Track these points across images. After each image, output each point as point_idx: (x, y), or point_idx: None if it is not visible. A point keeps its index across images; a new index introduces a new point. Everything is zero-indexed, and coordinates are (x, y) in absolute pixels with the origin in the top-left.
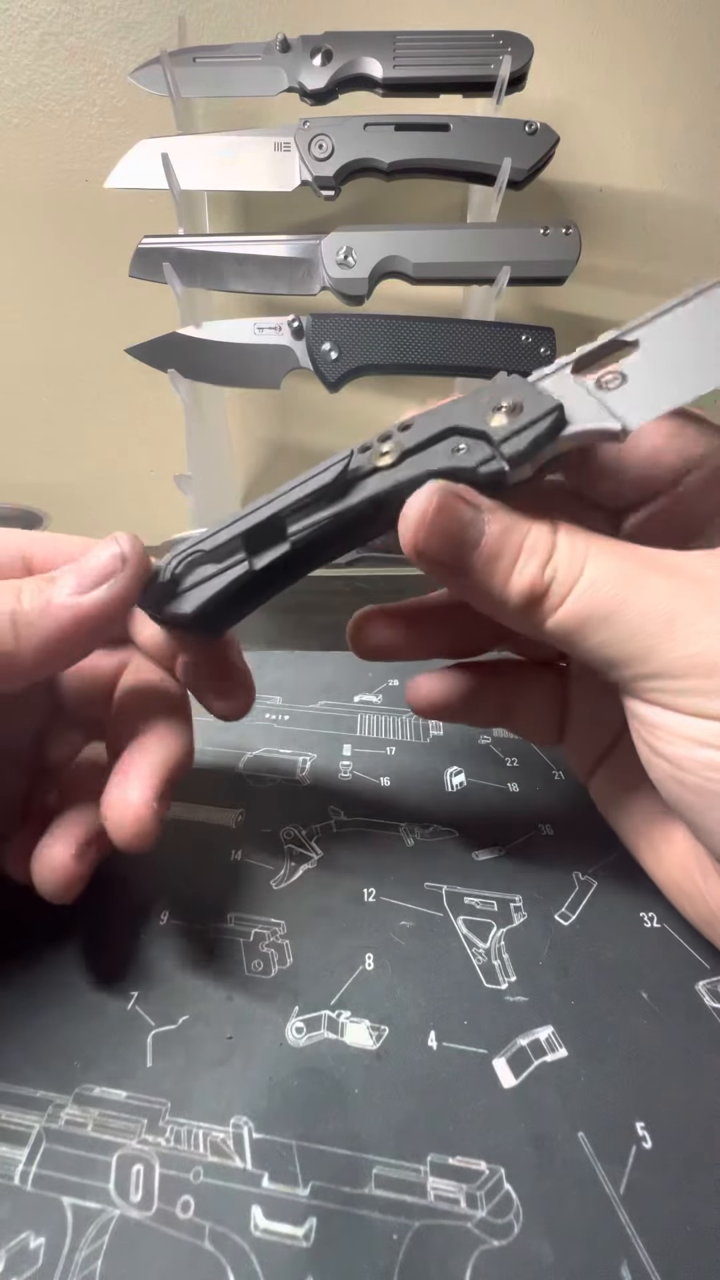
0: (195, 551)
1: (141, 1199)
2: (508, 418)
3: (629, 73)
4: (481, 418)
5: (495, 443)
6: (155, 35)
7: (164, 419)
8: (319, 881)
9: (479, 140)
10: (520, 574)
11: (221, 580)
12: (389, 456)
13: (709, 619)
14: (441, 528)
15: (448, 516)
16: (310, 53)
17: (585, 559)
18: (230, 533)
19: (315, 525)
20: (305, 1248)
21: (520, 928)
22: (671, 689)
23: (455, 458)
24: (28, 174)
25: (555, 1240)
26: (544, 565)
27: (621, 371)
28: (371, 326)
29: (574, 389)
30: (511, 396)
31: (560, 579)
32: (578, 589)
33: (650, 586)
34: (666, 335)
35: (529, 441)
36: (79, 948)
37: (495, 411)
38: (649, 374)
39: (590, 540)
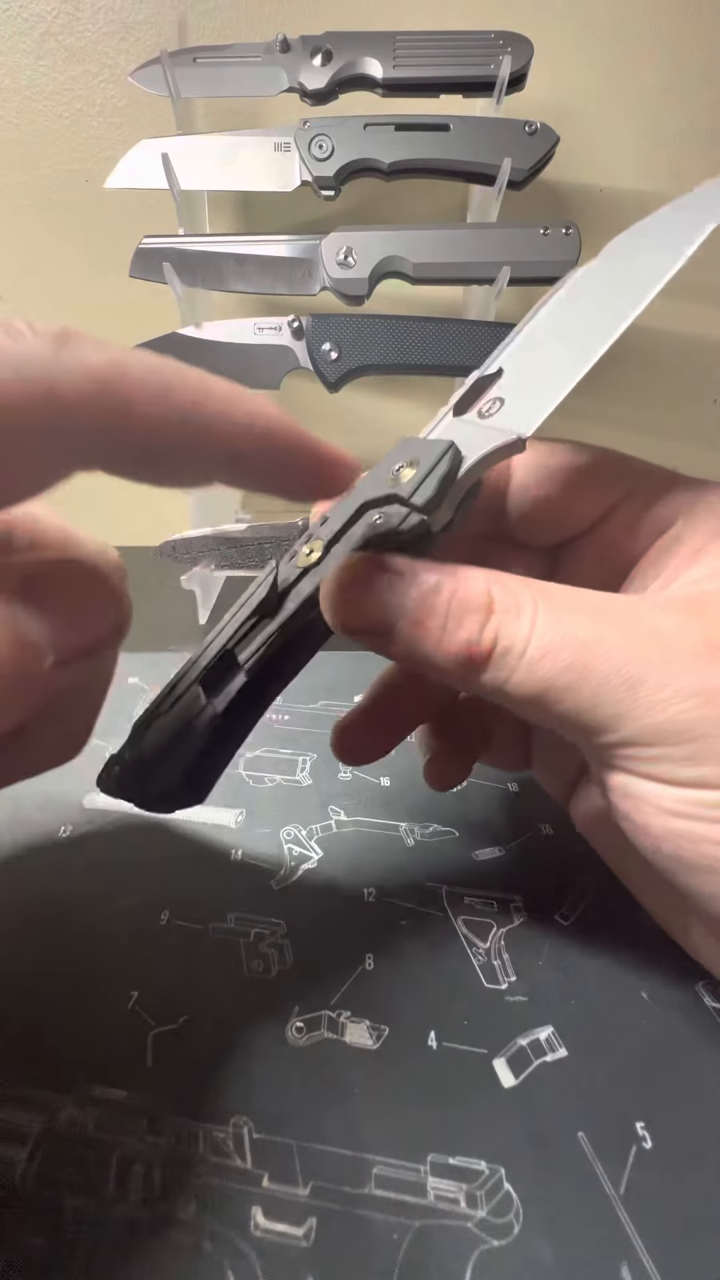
0: (150, 715)
1: (141, 1199)
2: (411, 471)
3: (629, 73)
4: (385, 484)
5: (405, 499)
6: (155, 35)
7: None
8: (319, 881)
9: (479, 140)
10: (453, 638)
11: (191, 735)
12: (314, 554)
13: (674, 683)
14: (356, 599)
15: (362, 586)
16: (310, 53)
17: (534, 618)
18: (183, 684)
19: (264, 645)
20: (305, 1248)
21: (520, 928)
22: (641, 757)
23: (374, 528)
24: (28, 174)
25: (555, 1240)
26: (481, 625)
27: (497, 397)
28: (371, 326)
29: (461, 428)
30: (407, 455)
31: (506, 642)
32: (530, 655)
33: (609, 648)
34: (523, 354)
35: (435, 484)
36: (79, 948)
37: (399, 471)
38: (521, 390)
39: (533, 590)
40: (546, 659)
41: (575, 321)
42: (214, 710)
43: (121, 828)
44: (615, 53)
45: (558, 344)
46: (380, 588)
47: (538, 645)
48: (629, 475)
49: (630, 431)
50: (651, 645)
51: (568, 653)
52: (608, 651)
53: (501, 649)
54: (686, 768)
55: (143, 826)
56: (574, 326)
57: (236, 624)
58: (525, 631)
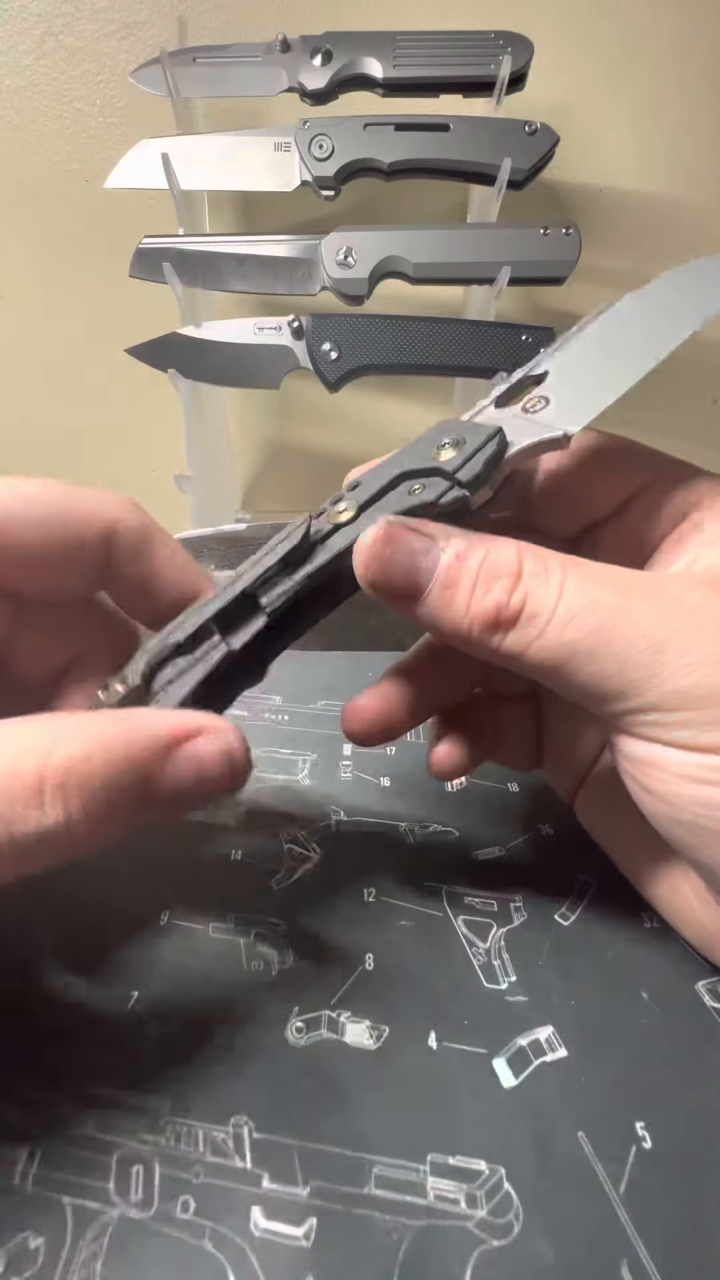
0: (165, 648)
1: (141, 1199)
2: (454, 451)
3: (629, 73)
4: (427, 459)
5: (450, 474)
6: (155, 35)
7: (164, 419)
8: (319, 881)
9: (479, 140)
10: (482, 600)
11: (200, 671)
12: (347, 512)
13: (699, 649)
14: (390, 558)
15: (395, 546)
16: (310, 53)
17: (562, 583)
18: (199, 618)
19: (288, 592)
20: (305, 1248)
21: (520, 928)
22: (664, 723)
23: (414, 497)
24: (28, 174)
25: (555, 1240)
26: (510, 590)
27: (543, 396)
28: (371, 326)
29: (506, 418)
30: (452, 434)
31: (534, 605)
32: (559, 619)
33: (636, 615)
34: (570, 361)
35: (483, 463)
36: (79, 948)
37: (440, 449)
38: (568, 392)
39: (564, 561)
40: (574, 623)
41: (625, 339)
42: (229, 648)
43: None
44: (615, 53)
45: (607, 357)
46: (414, 549)
47: (565, 609)
48: (649, 464)
49: (630, 431)
50: (677, 613)
51: (594, 617)
52: (635, 617)
53: (529, 613)
54: (709, 732)
55: (143, 826)
56: (624, 343)
57: (261, 570)
58: (553, 596)
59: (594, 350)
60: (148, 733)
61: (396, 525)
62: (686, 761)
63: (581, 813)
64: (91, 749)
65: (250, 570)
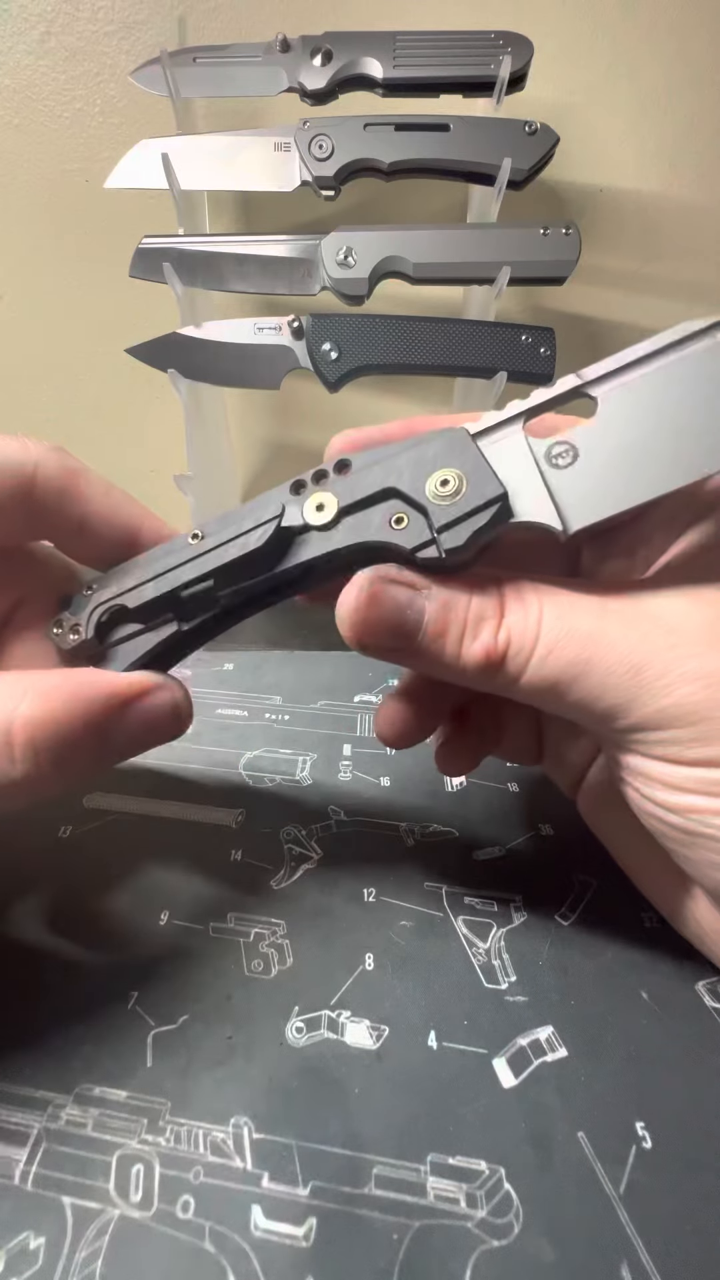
0: (116, 606)
1: (141, 1199)
2: (448, 494)
3: (629, 73)
4: (421, 483)
5: (434, 527)
6: (155, 35)
7: (164, 419)
8: (319, 881)
9: (479, 140)
10: (471, 646)
11: (150, 640)
12: (325, 514)
13: (677, 668)
14: (376, 619)
15: (380, 606)
16: (310, 53)
17: (540, 617)
18: (155, 590)
19: (247, 590)
20: (305, 1248)
21: (520, 928)
22: (650, 740)
23: (393, 533)
24: (28, 174)
25: (555, 1240)
26: (495, 631)
27: (573, 446)
28: (371, 326)
29: (521, 460)
30: (456, 467)
31: (517, 643)
32: (540, 652)
33: (613, 639)
34: (627, 402)
35: (468, 535)
36: (79, 948)
37: (437, 479)
38: (600, 456)
39: (540, 594)
40: (553, 655)
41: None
42: (180, 629)
43: (121, 828)
44: (615, 53)
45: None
46: (399, 603)
47: (545, 643)
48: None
49: None
50: (654, 633)
51: (573, 647)
52: (611, 642)
53: (514, 649)
54: (694, 748)
55: (143, 826)
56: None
57: (223, 561)
58: (533, 630)
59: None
60: (105, 692)
61: (379, 584)
62: (674, 774)
63: (582, 808)
64: (54, 708)
65: (212, 555)
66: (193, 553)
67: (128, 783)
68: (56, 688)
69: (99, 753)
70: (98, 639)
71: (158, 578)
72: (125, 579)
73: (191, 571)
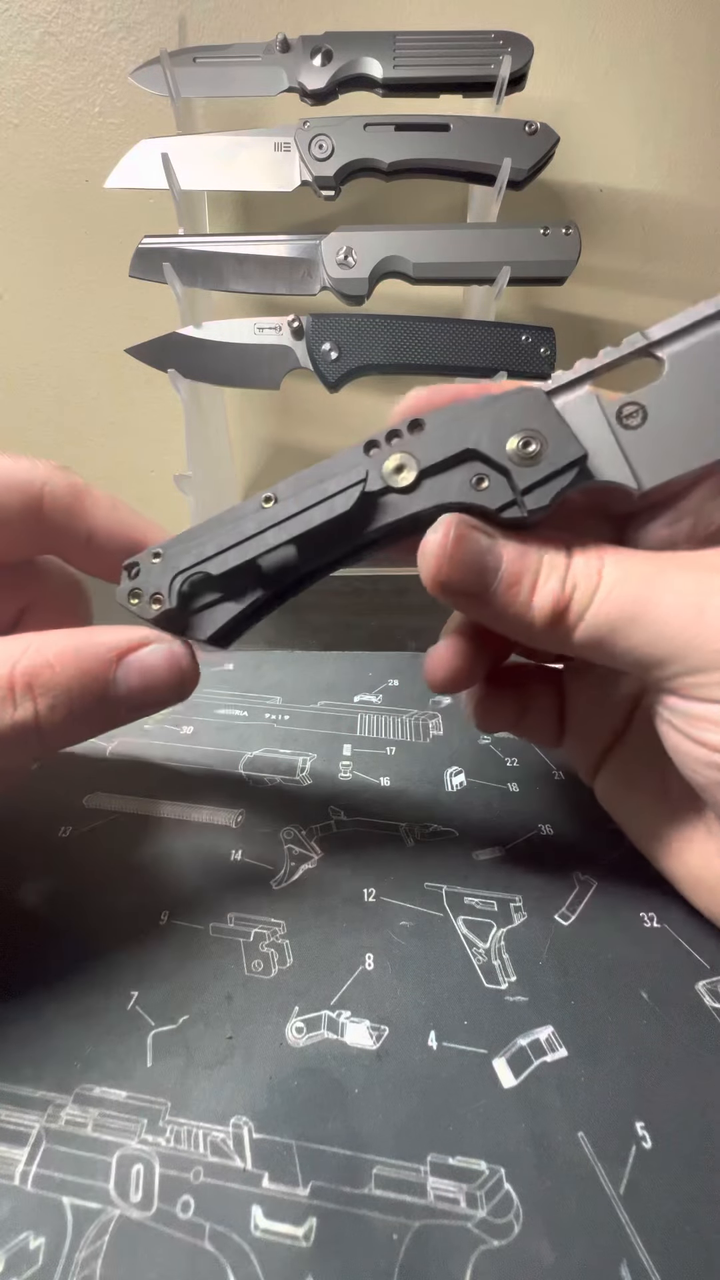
0: (199, 574)
1: (141, 1199)
2: (530, 455)
3: (629, 73)
4: (501, 444)
5: (518, 489)
6: (155, 35)
7: (164, 419)
8: (319, 881)
9: (479, 140)
10: (542, 593)
11: (234, 607)
12: (406, 476)
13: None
14: (460, 559)
15: (465, 548)
16: (310, 53)
17: (601, 565)
18: (239, 557)
19: (330, 552)
20: (305, 1248)
21: (520, 928)
22: (709, 683)
23: (476, 494)
24: (28, 174)
25: (555, 1240)
26: (563, 580)
27: (643, 406)
28: (371, 326)
29: (594, 420)
30: (534, 425)
31: (581, 589)
32: (599, 596)
33: (672, 584)
34: (695, 361)
35: (551, 497)
36: (79, 948)
37: (517, 440)
38: (669, 416)
39: (602, 547)
40: (613, 594)
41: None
42: (262, 595)
43: (121, 828)
44: (615, 53)
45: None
46: (480, 548)
47: (606, 584)
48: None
49: None
50: (713, 578)
51: (631, 587)
52: (671, 584)
53: (579, 595)
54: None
55: (143, 826)
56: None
57: (308, 524)
58: (594, 574)
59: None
60: (101, 644)
61: (464, 526)
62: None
63: (601, 791)
64: (52, 658)
65: (296, 520)
66: (272, 518)
67: (128, 783)
68: (54, 641)
69: (99, 704)
70: (181, 607)
71: (240, 544)
72: (202, 546)
73: (275, 537)
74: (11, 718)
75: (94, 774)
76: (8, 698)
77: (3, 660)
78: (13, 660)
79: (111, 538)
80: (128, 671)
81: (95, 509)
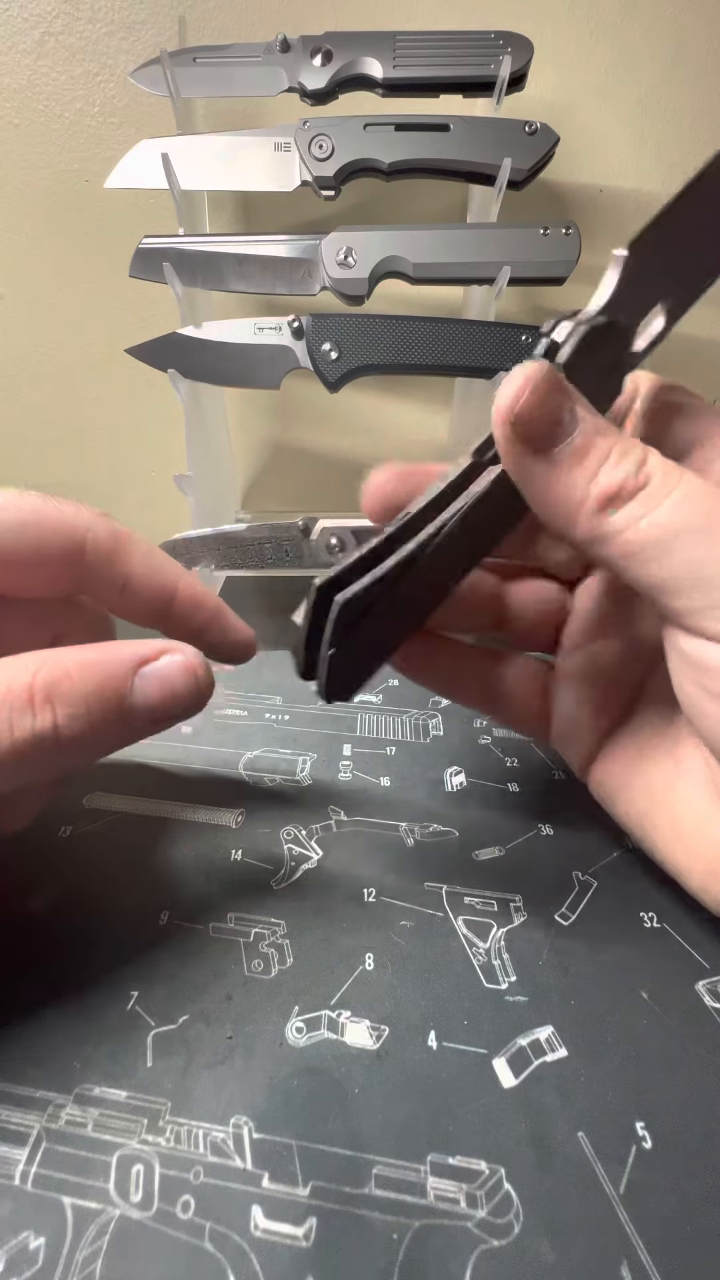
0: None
1: (141, 1199)
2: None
3: (629, 73)
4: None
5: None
6: (155, 35)
7: (164, 419)
8: (319, 881)
9: (479, 140)
10: (610, 473)
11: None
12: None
13: None
14: (544, 398)
15: (551, 390)
16: (310, 53)
17: (681, 471)
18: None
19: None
20: (305, 1248)
21: (520, 928)
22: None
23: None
24: (28, 174)
25: (555, 1240)
26: (639, 467)
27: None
28: (371, 326)
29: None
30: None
31: (655, 486)
32: (676, 496)
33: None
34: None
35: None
36: (79, 948)
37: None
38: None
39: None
40: (689, 501)
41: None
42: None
43: (121, 828)
44: (615, 53)
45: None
46: (563, 403)
47: (685, 490)
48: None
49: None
50: None
51: (713, 501)
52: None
53: (651, 489)
54: None
55: (142, 826)
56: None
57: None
58: (676, 477)
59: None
60: (119, 655)
61: (558, 373)
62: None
63: (596, 786)
64: (70, 669)
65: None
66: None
67: (128, 783)
68: (74, 653)
69: (119, 716)
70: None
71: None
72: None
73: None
74: (31, 728)
75: (94, 774)
76: (27, 706)
77: (24, 670)
78: (33, 670)
79: (146, 585)
80: (146, 681)
81: (133, 556)
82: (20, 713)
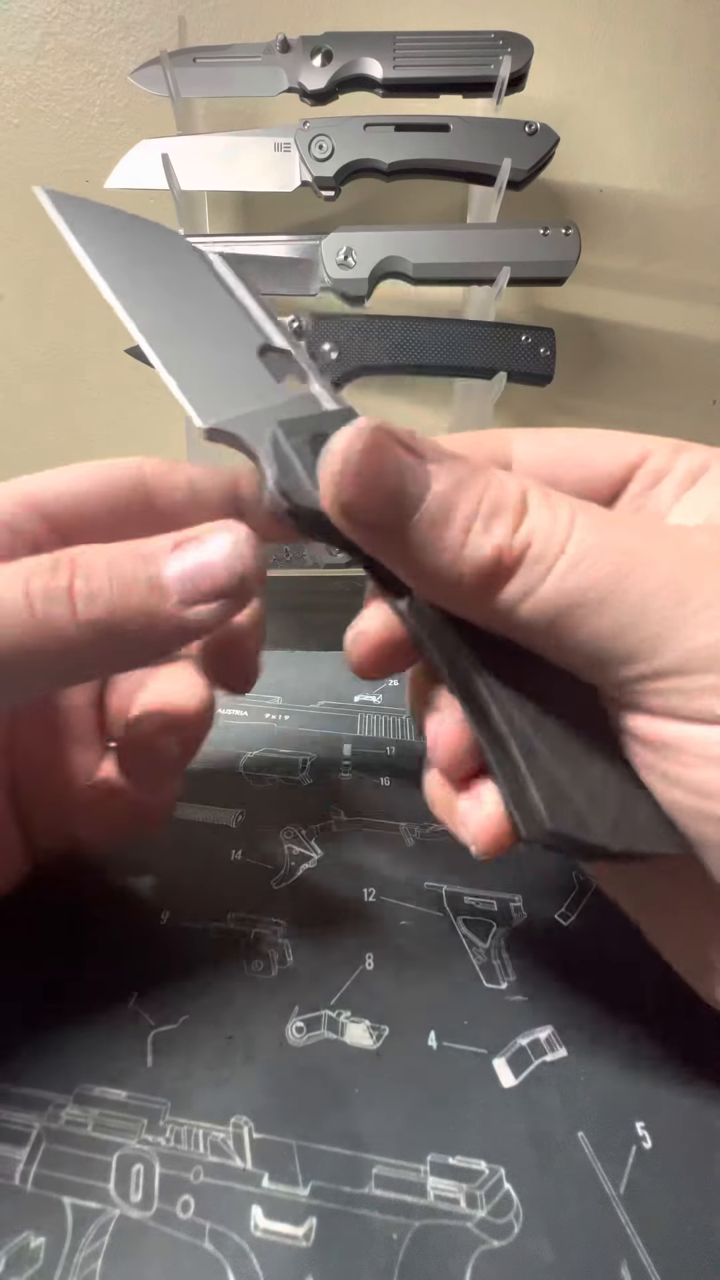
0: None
1: (141, 1199)
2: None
3: (629, 73)
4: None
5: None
6: (155, 35)
7: (164, 419)
8: (319, 881)
9: (479, 140)
10: (479, 540)
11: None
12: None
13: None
14: (376, 472)
15: (384, 457)
16: (310, 53)
17: (571, 523)
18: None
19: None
20: (305, 1248)
21: (520, 928)
22: (686, 690)
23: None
24: (28, 174)
25: (555, 1240)
26: (514, 529)
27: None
28: (371, 327)
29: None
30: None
31: (539, 548)
32: (566, 561)
33: (658, 559)
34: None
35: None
36: (79, 948)
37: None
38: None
39: (573, 502)
40: (584, 565)
41: None
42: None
43: None
44: (615, 53)
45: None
46: (398, 471)
47: (576, 550)
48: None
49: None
50: (703, 561)
51: (610, 560)
52: (657, 561)
53: (534, 554)
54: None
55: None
56: None
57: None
58: (562, 535)
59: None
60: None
61: (382, 434)
62: (715, 739)
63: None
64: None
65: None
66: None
67: None
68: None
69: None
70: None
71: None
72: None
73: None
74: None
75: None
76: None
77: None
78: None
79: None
80: (183, 556)
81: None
82: (37, 572)
